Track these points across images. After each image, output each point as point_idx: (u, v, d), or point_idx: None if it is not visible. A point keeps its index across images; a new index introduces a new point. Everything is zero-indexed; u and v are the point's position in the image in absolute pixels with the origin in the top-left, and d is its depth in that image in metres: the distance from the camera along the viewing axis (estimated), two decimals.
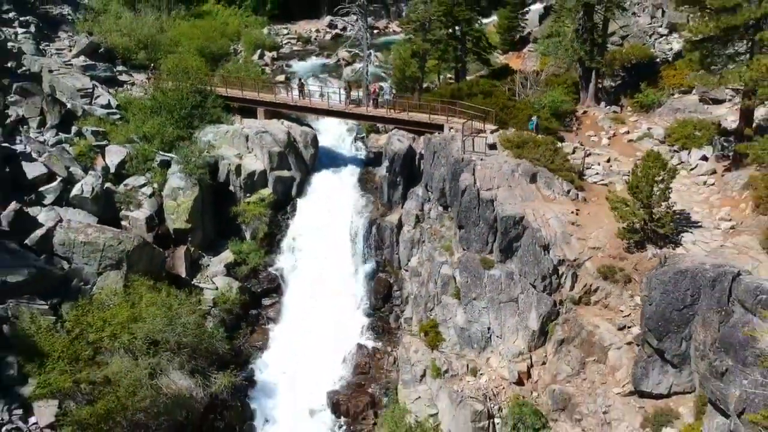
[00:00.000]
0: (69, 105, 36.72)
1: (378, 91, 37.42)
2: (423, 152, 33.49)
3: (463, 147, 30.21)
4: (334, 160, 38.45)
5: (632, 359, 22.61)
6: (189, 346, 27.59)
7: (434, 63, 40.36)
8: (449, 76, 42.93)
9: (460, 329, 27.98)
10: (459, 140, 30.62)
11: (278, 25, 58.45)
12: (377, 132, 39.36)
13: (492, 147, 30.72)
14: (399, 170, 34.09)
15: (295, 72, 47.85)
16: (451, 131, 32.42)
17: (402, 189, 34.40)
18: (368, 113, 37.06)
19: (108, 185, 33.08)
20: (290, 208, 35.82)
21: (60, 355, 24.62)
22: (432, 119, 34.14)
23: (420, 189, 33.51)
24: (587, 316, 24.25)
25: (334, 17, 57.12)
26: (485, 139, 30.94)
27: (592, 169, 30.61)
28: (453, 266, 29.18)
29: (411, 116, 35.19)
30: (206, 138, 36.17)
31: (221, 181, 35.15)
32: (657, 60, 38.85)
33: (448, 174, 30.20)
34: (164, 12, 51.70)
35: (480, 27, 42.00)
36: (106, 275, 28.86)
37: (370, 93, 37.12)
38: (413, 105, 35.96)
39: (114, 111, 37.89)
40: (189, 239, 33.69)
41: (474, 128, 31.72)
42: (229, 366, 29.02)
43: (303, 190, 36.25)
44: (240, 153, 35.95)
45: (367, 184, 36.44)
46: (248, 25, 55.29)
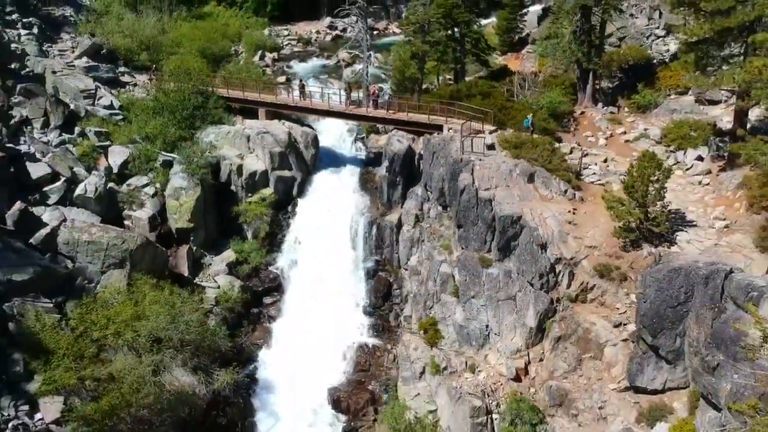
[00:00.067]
0: (72, 106, 36.70)
1: (378, 92, 37.51)
2: (422, 152, 33.61)
3: (462, 147, 30.40)
4: (335, 161, 38.52)
5: (628, 356, 22.90)
6: (192, 344, 27.70)
7: (433, 64, 40.43)
8: (448, 77, 42.98)
9: (459, 327, 28.23)
10: (458, 141, 30.82)
11: (279, 27, 58.42)
12: (377, 132, 39.42)
13: (490, 147, 30.91)
14: (399, 170, 34.27)
15: (296, 73, 47.88)
16: (450, 132, 32.61)
17: (401, 189, 34.56)
18: (368, 114, 37.14)
19: (111, 185, 33.12)
20: (291, 208, 35.86)
21: (65, 353, 24.72)
22: (431, 120, 34.29)
23: (419, 189, 33.65)
24: (584, 314, 24.51)
25: (334, 19, 57.06)
26: (484, 140, 31.12)
27: (589, 169, 30.77)
28: (452, 265, 29.42)
29: (410, 117, 35.30)
30: (208, 138, 36.22)
31: (223, 181, 35.18)
32: (654, 61, 39.04)
33: (447, 174, 30.37)
34: (166, 13, 51.63)
35: (479, 29, 42.08)
36: (110, 274, 28.97)
37: (370, 94, 37.22)
38: (413, 106, 36.01)
39: (116, 112, 37.91)
40: (191, 238, 33.78)
41: (473, 129, 31.90)
42: (231, 363, 29.14)
43: (304, 190, 36.31)
44: (241, 153, 36.00)
45: (367, 184, 36.48)
46: (249, 27, 55.25)
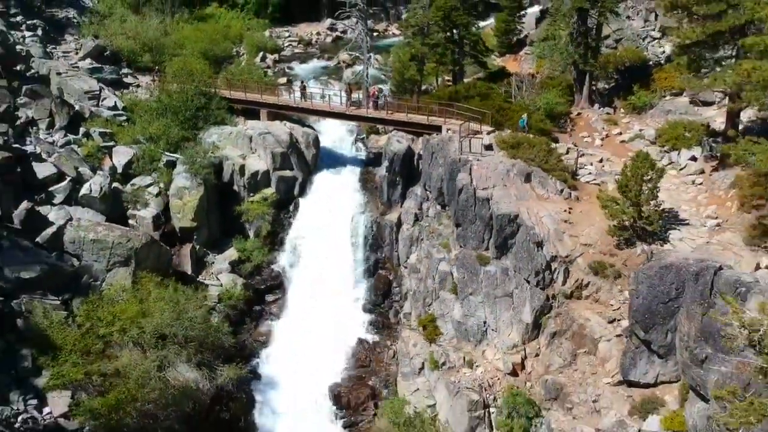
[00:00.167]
0: (77, 107, 36.94)
1: (377, 94, 37.80)
2: (422, 153, 34.06)
3: (461, 148, 30.83)
4: (335, 161, 38.83)
5: (621, 351, 23.37)
6: (196, 340, 27.92)
7: (432, 66, 40.60)
8: (447, 79, 43.12)
9: (457, 323, 28.70)
10: (456, 141, 31.25)
11: (279, 28, 58.44)
12: (377, 133, 39.71)
13: (488, 148, 31.32)
14: (398, 170, 34.70)
15: (297, 74, 48.00)
16: (449, 132, 32.99)
17: (401, 188, 34.99)
18: (368, 115, 37.47)
19: (116, 185, 33.39)
20: (292, 207, 36.13)
21: (72, 348, 25.07)
22: (430, 121, 34.67)
23: (419, 188, 34.07)
24: (579, 310, 25.00)
25: (335, 20, 57.38)
26: (482, 140, 31.52)
27: (585, 169, 31.22)
28: (450, 263, 29.85)
29: (410, 118, 35.64)
30: (211, 139, 36.51)
31: (225, 181, 35.50)
32: (650, 63, 39.37)
33: (446, 174, 30.81)
34: (168, 15, 51.77)
35: (477, 31, 42.32)
36: (115, 272, 29.35)
37: (370, 95, 37.55)
38: (412, 107, 36.36)
39: (120, 113, 38.16)
40: (194, 237, 34.11)
41: (471, 129, 32.34)
42: (234, 359, 29.46)
43: (305, 190, 36.60)
44: (244, 153, 36.30)
45: (368, 184, 36.77)
46: (250, 28, 55.27)
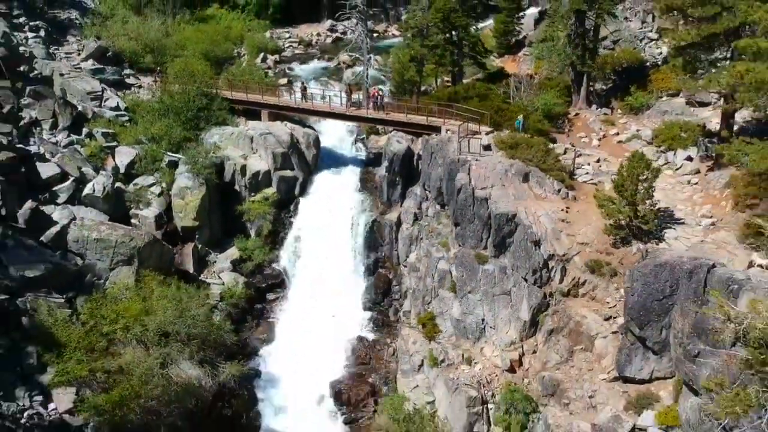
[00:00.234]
0: (80, 107, 37.22)
1: (378, 95, 38.05)
2: (421, 153, 34.36)
3: (459, 148, 31.15)
4: (336, 161, 39.15)
5: (617, 347, 23.64)
6: (198, 338, 28.10)
7: (432, 67, 40.81)
8: (446, 80, 43.33)
9: (456, 321, 29.00)
10: (455, 141, 31.56)
11: (280, 29, 58.47)
12: (377, 133, 40.02)
13: (487, 148, 31.64)
14: (398, 170, 35.01)
15: (298, 75, 48.15)
16: (448, 133, 33.30)
17: (401, 188, 35.31)
18: (368, 115, 37.77)
19: (118, 185, 33.69)
20: (293, 207, 36.39)
21: (76, 346, 25.23)
22: (429, 121, 35.00)
23: (418, 188, 34.37)
24: (575, 308, 25.30)
25: (335, 21, 57.76)
26: (480, 141, 31.81)
27: (583, 169, 31.58)
28: (449, 261, 30.13)
29: (409, 118, 35.96)
30: (212, 139, 36.78)
31: (227, 181, 35.80)
32: (647, 64, 39.68)
33: (445, 174, 31.10)
34: (169, 17, 52.03)
35: (476, 32, 42.57)
36: (119, 270, 29.53)
37: (370, 96, 37.82)
38: (412, 108, 36.69)
39: (123, 113, 38.44)
40: (196, 236, 34.40)
41: (470, 130, 32.65)
42: (236, 357, 29.65)
43: (306, 190, 36.90)
44: (245, 154, 36.57)
45: (368, 184, 37.09)
46: (251, 29, 55.37)
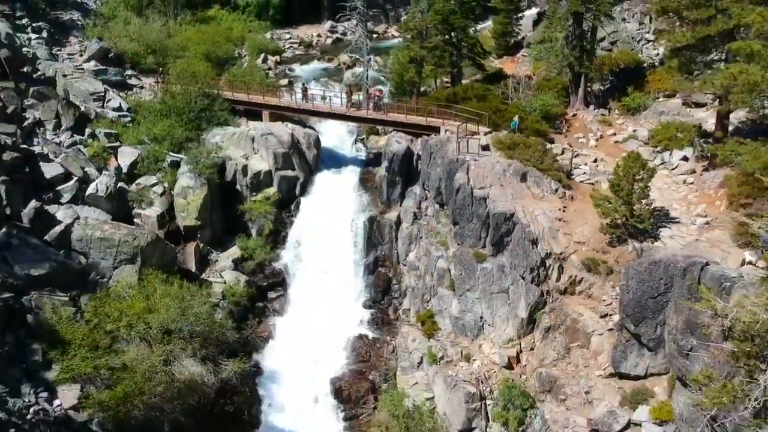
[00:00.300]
0: (82, 108, 37.40)
1: (379, 95, 38.29)
2: (420, 153, 34.67)
3: (458, 148, 31.46)
4: (336, 161, 39.41)
5: (612, 344, 24.02)
6: (200, 335, 28.42)
7: (431, 68, 41.03)
8: (445, 80, 43.53)
9: (455, 318, 29.39)
10: (454, 142, 31.87)
11: (280, 30, 58.58)
12: (377, 134, 40.31)
13: (485, 148, 31.95)
14: (397, 170, 35.34)
15: (298, 76, 48.33)
16: (447, 133, 33.64)
17: (400, 188, 35.64)
18: (368, 116, 38.03)
19: (121, 184, 33.85)
20: (294, 206, 36.69)
21: (81, 343, 25.53)
22: (429, 122, 35.29)
23: (417, 188, 34.71)
24: (572, 305, 25.68)
25: (335, 22, 58.09)
26: (479, 141, 32.12)
27: (580, 169, 31.92)
28: (448, 260, 30.50)
29: (409, 119, 36.25)
30: (214, 140, 37.03)
31: (229, 181, 36.07)
32: (644, 65, 39.93)
33: (444, 173, 31.42)
34: (171, 18, 52.31)
35: (475, 34, 42.83)
36: (122, 269, 29.83)
37: (372, 97, 38.05)
38: (411, 108, 37.00)
39: (125, 114, 38.66)
40: (198, 235, 34.66)
41: (468, 130, 32.95)
42: (238, 354, 30.02)
43: (306, 189, 37.19)
44: (246, 154, 36.86)
45: (368, 184, 37.41)
46: (252, 30, 55.57)
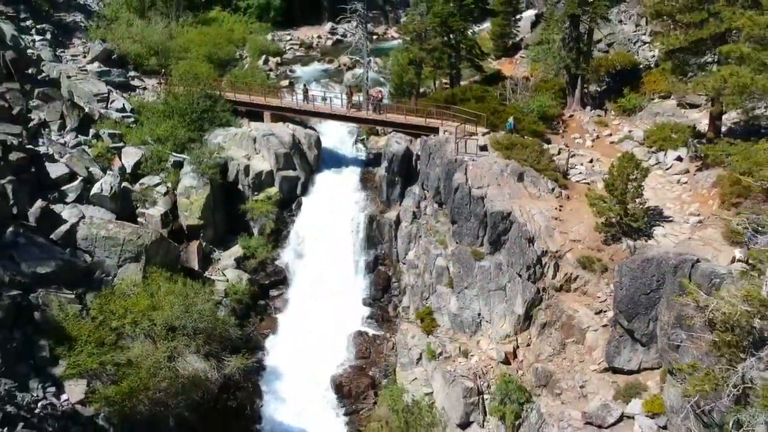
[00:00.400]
0: (87, 109, 37.87)
1: (380, 97, 38.69)
2: (419, 153, 35.15)
3: (457, 148, 31.93)
4: (336, 161, 39.91)
5: (607, 340, 24.45)
6: (204, 332, 28.83)
7: (430, 70, 41.46)
8: (444, 82, 44.00)
9: (453, 315, 29.88)
10: (452, 142, 32.33)
11: (281, 32, 59.13)
12: (377, 134, 40.78)
13: (483, 148, 32.39)
14: (397, 170, 35.83)
15: (299, 77, 48.83)
16: (446, 134, 34.11)
17: (400, 188, 36.13)
18: (368, 117, 38.48)
19: (125, 184, 34.33)
20: (295, 206, 37.18)
21: (87, 340, 25.82)
22: (428, 123, 35.76)
23: (416, 187, 35.18)
24: (567, 302, 26.19)
25: (336, 24, 58.61)
26: (477, 141, 32.57)
27: (576, 169, 32.35)
28: (447, 258, 30.96)
29: (408, 120, 36.75)
30: (216, 140, 37.52)
31: (231, 181, 36.58)
32: (640, 66, 40.32)
33: (443, 173, 31.88)
34: (173, 20, 52.87)
35: (473, 35, 43.23)
36: (126, 267, 30.23)
37: (372, 98, 38.44)
38: (410, 109, 37.52)
39: (128, 114, 39.20)
40: (201, 235, 35.14)
41: (466, 131, 33.38)
42: (241, 351, 30.50)
43: (307, 189, 37.69)
44: (248, 154, 37.35)
45: (367, 183, 37.87)
46: (253, 32, 56.14)
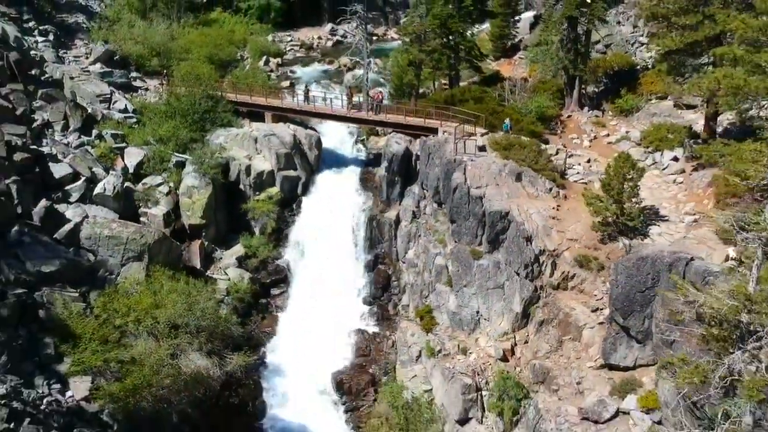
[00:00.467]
0: (89, 110, 38.06)
1: (381, 98, 38.99)
2: (419, 153, 35.46)
3: (456, 149, 32.23)
4: (337, 161, 40.17)
5: (603, 337, 24.82)
6: (206, 330, 29.13)
7: (429, 71, 41.74)
8: (444, 83, 44.30)
9: (452, 313, 30.24)
10: (452, 143, 32.63)
11: (282, 33, 59.11)
12: (377, 135, 41.05)
13: (482, 149, 32.71)
14: (397, 170, 36.14)
15: (299, 78, 49.08)
16: (445, 134, 34.41)
17: (399, 187, 36.43)
18: (368, 117, 38.76)
19: (128, 184, 34.55)
20: (296, 205, 37.46)
21: (91, 337, 26.10)
22: (427, 123, 36.04)
23: (416, 187, 35.49)
24: (565, 300, 26.56)
25: (336, 25, 58.76)
26: (476, 142, 32.88)
27: (574, 169, 32.73)
28: (446, 257, 31.30)
29: (408, 120, 37.05)
30: (218, 140, 37.79)
31: (232, 181, 36.85)
32: (638, 67, 40.70)
33: (442, 173, 32.19)
34: (174, 21, 52.99)
35: (472, 37, 43.46)
36: (129, 266, 30.50)
37: (373, 98, 38.70)
38: (410, 110, 37.84)
39: (131, 115, 39.44)
40: (203, 234, 35.41)
41: (465, 131, 33.69)
42: (243, 348, 30.86)
43: (308, 189, 37.95)
44: (249, 154, 37.63)
45: (368, 183, 38.13)
46: (253, 33, 56.15)
